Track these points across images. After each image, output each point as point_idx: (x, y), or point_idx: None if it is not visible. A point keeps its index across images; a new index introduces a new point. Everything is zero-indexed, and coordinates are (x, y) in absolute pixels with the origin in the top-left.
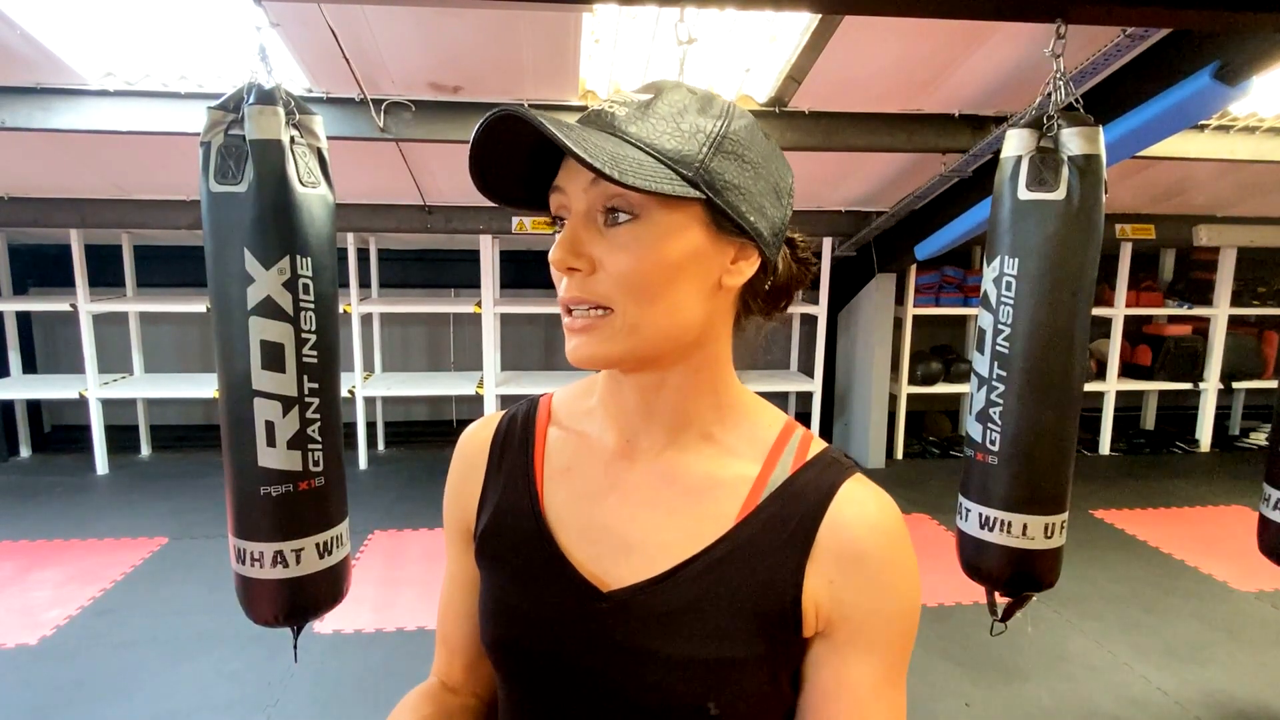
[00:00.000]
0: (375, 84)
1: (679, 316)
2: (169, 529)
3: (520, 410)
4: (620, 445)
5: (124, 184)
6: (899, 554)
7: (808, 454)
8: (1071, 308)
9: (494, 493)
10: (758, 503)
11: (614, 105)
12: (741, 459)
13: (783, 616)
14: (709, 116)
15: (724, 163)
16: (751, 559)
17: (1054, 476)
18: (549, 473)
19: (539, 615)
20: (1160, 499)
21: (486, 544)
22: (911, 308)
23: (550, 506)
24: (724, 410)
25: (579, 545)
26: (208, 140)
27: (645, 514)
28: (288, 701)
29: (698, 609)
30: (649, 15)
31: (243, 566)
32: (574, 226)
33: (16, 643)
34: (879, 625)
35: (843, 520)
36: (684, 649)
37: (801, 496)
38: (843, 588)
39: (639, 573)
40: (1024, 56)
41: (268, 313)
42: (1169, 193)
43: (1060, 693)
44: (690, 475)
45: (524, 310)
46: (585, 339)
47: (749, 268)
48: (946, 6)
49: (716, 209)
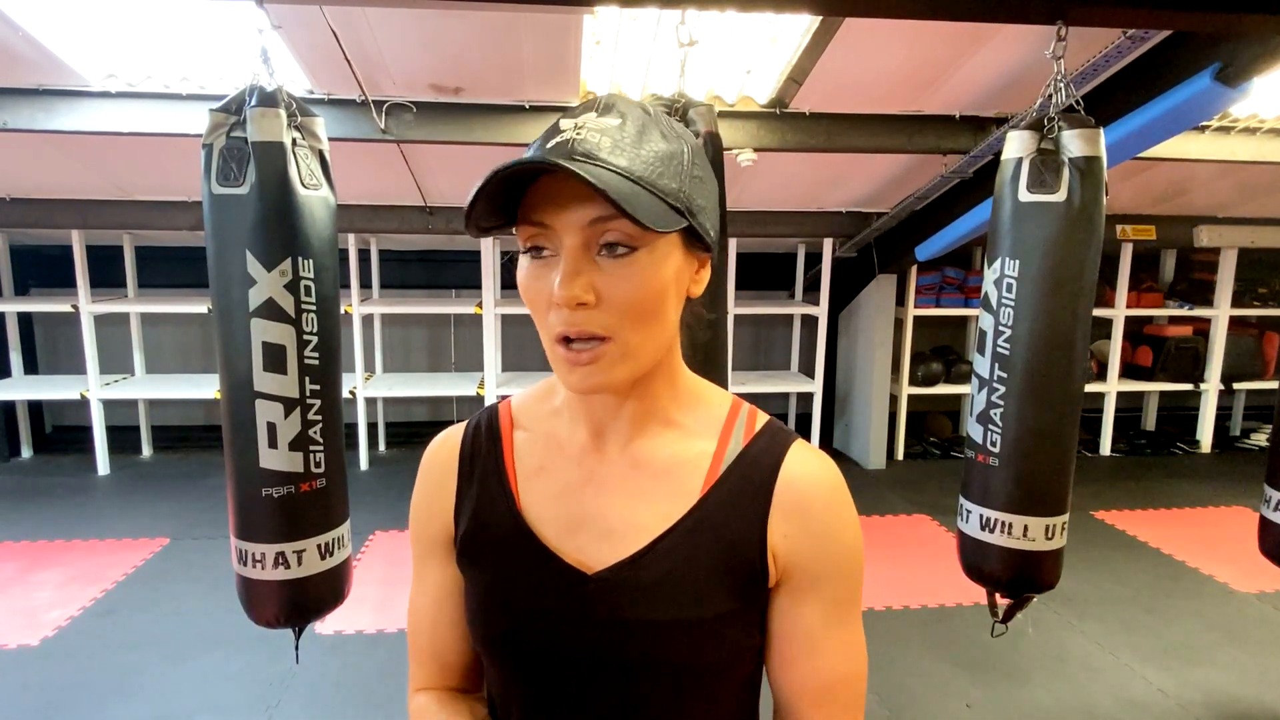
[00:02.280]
0: (376, 85)
1: (665, 334)
2: (170, 530)
3: (481, 420)
4: (590, 440)
5: (125, 185)
6: (840, 505)
7: (755, 426)
8: (1072, 309)
9: (469, 500)
10: (718, 475)
11: (589, 133)
12: (699, 438)
13: (751, 572)
14: (671, 140)
15: (695, 187)
16: (718, 525)
17: (1054, 478)
18: (522, 474)
19: (530, 605)
20: (1161, 500)
21: (467, 549)
22: (912, 309)
23: (527, 505)
24: (680, 397)
25: (561, 537)
26: (209, 142)
27: (620, 500)
28: (289, 702)
29: (675, 577)
30: (650, 17)
31: (244, 567)
32: (575, 262)
33: (18, 643)
34: (825, 568)
35: (792, 479)
36: (667, 614)
37: (756, 464)
38: (795, 538)
39: (619, 553)
40: (1025, 58)
41: (269, 314)
42: (1170, 194)
43: (1061, 694)
44: (656, 459)
45: (525, 311)
46: (591, 369)
47: (706, 274)
48: (947, 8)
49: (691, 230)
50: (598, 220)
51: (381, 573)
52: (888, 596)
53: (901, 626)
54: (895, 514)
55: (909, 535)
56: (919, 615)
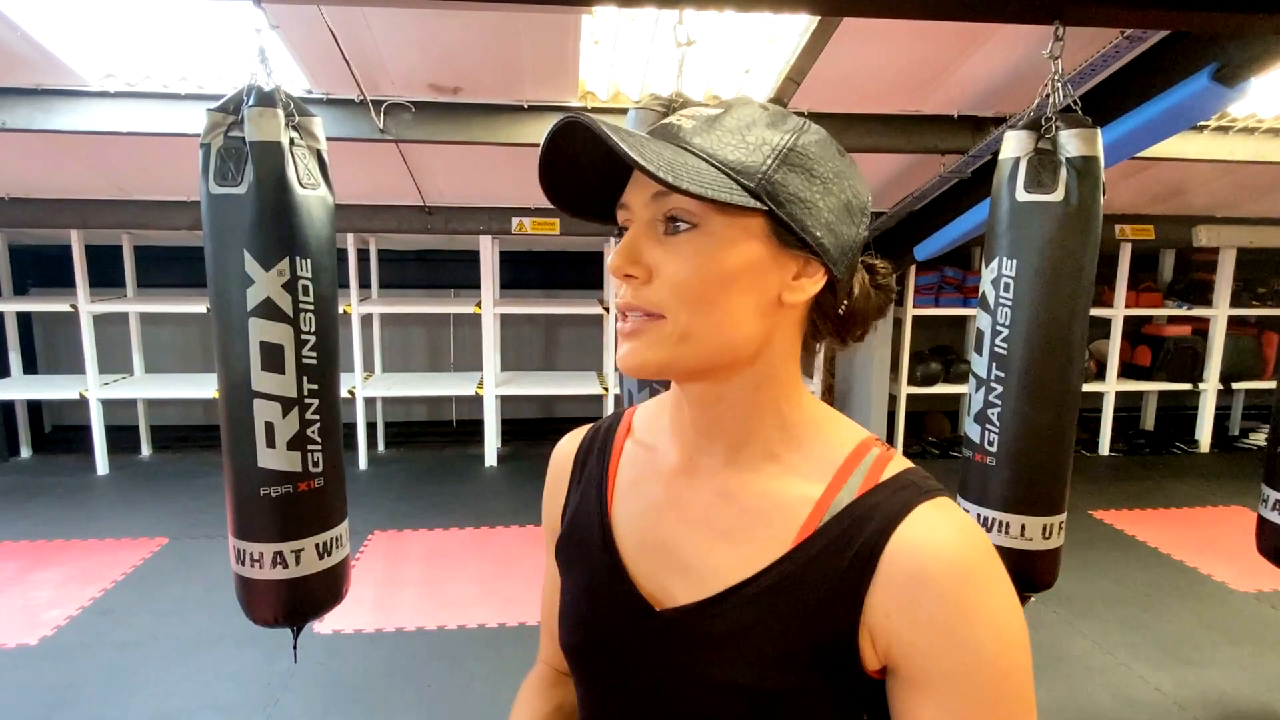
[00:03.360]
0: (375, 85)
1: (731, 329)
2: (169, 529)
3: (606, 422)
4: (682, 462)
5: (124, 185)
6: (972, 589)
7: (882, 474)
8: (1070, 309)
9: (574, 500)
10: (817, 526)
11: (683, 119)
12: (805, 479)
13: (838, 650)
14: (779, 130)
15: (789, 175)
16: (806, 587)
17: (1052, 477)
18: (619, 484)
19: (599, 626)
20: (1159, 500)
21: (562, 549)
22: (911, 308)
23: (617, 518)
24: (789, 429)
25: (638, 560)
26: (207, 142)
27: (702, 533)
28: (288, 702)
29: (747, 635)
30: (648, 17)
31: (242, 567)
32: (634, 234)
33: (17, 643)
34: (943, 667)
35: (907, 546)
36: (731, 675)
37: (867, 520)
38: (901, 622)
39: (692, 593)
40: (1023, 58)
41: (267, 314)
42: (1168, 193)
43: (1059, 693)
44: (749, 494)
45: (524, 311)
46: (635, 344)
47: (813, 285)
48: (945, 8)
49: (779, 222)
50: (659, 194)
51: (380, 572)
52: None
53: None
54: None
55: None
56: None
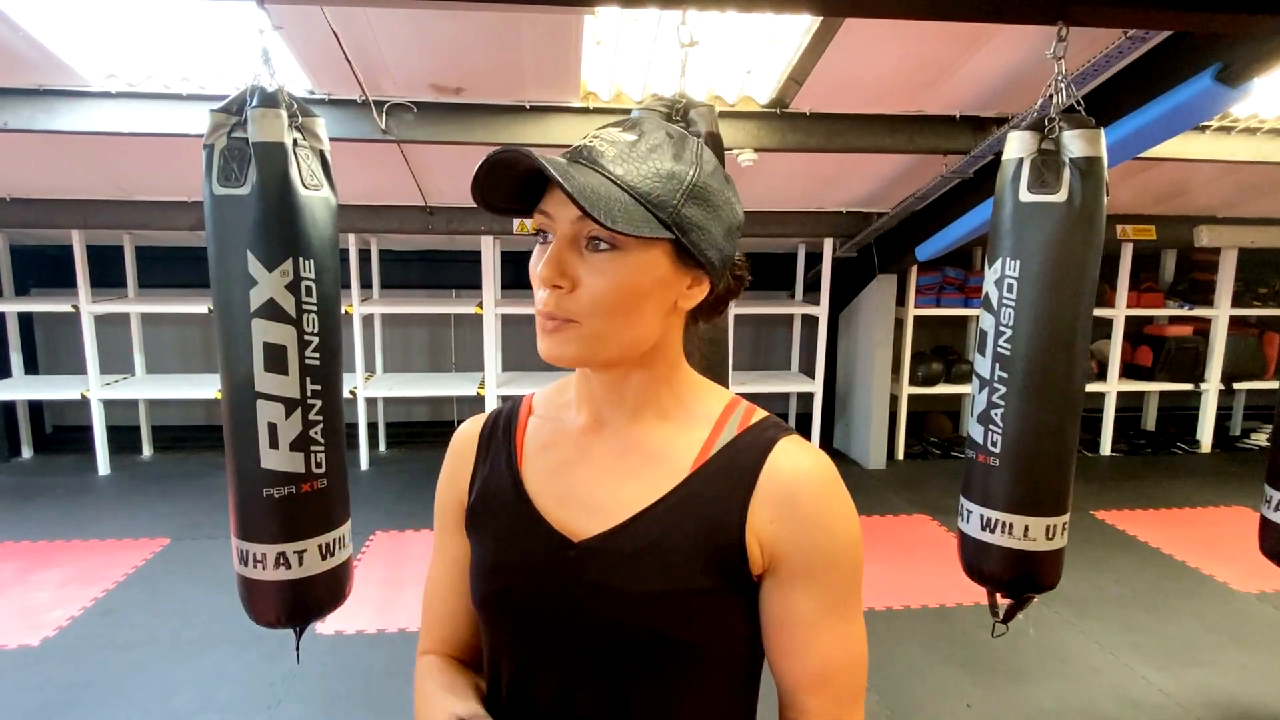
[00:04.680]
0: (377, 85)
1: (637, 331)
2: (171, 530)
3: (504, 408)
4: (590, 422)
5: (126, 185)
6: (830, 498)
7: (750, 420)
8: (1073, 309)
9: (481, 474)
10: (706, 459)
11: (602, 143)
12: (692, 428)
13: (730, 553)
14: (684, 163)
15: (693, 208)
16: (701, 505)
17: (1055, 478)
18: (528, 452)
19: (520, 566)
20: (1161, 500)
21: (475, 515)
22: (912, 308)
23: (529, 477)
24: (677, 395)
25: (554, 507)
26: (210, 143)
27: (610, 478)
28: (290, 702)
29: (654, 549)
30: (650, 18)
31: (245, 568)
32: (560, 249)
33: (18, 643)
34: (814, 559)
35: (778, 468)
36: (643, 584)
37: (745, 451)
38: (780, 527)
39: (604, 524)
40: (1025, 58)
41: (270, 315)
42: (1170, 193)
43: (1061, 694)
44: (649, 443)
45: (525, 311)
46: (555, 339)
47: (701, 293)
48: (947, 8)
49: (682, 246)
50: (583, 217)
51: (382, 573)
52: (888, 597)
53: (902, 626)
54: (895, 514)
55: (909, 535)
56: (919, 615)
